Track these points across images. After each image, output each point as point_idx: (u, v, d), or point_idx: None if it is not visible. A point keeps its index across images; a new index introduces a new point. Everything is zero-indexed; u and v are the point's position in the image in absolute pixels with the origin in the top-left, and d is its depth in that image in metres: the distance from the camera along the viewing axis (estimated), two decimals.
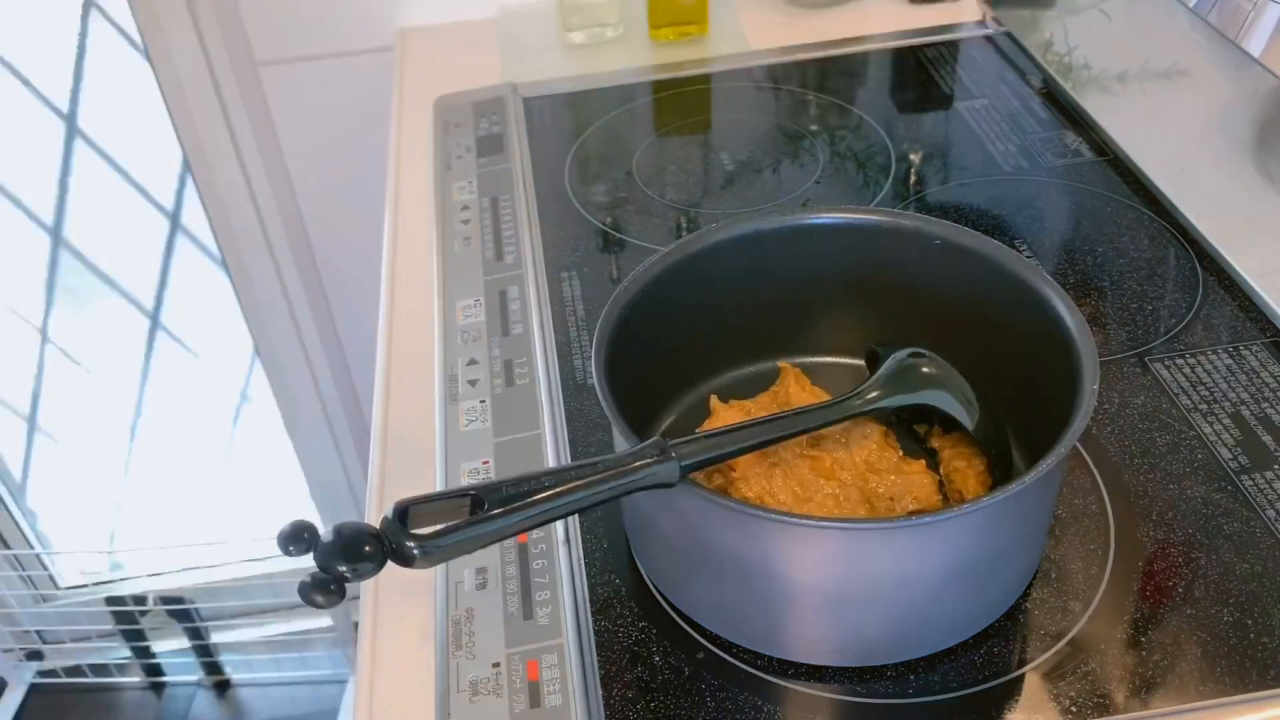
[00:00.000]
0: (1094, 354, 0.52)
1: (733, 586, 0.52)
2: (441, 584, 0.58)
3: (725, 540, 0.50)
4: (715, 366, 0.68)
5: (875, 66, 1.06)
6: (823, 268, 0.64)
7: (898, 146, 0.93)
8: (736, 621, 0.54)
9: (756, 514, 0.48)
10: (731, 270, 0.62)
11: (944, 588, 0.51)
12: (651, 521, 0.55)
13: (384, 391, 0.75)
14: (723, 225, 0.63)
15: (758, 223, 0.63)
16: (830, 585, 0.50)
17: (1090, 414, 0.49)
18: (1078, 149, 0.91)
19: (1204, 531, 0.59)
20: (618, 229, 0.86)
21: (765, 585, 0.51)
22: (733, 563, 0.51)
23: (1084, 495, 0.61)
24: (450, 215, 0.88)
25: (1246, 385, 0.67)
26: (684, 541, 0.53)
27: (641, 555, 0.59)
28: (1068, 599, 0.56)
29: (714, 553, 0.51)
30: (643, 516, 0.56)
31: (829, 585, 0.50)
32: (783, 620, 0.52)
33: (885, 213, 0.64)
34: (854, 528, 0.49)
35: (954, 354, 0.61)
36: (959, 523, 0.48)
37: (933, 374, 0.60)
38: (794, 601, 0.51)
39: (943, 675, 0.53)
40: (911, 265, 0.63)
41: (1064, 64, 0.98)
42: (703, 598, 0.55)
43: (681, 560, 0.54)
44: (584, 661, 0.54)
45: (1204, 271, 0.76)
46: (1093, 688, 0.52)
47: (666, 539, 0.55)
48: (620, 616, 0.57)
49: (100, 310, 1.47)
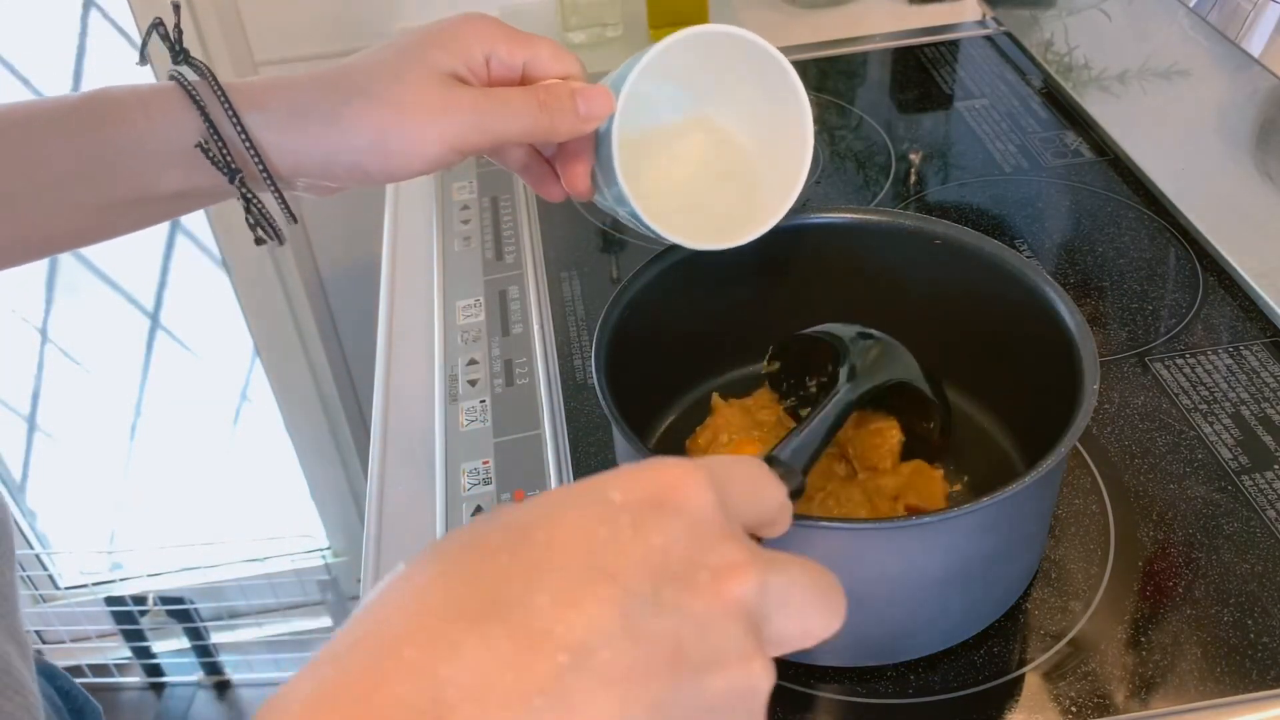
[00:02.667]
0: (1094, 353, 0.52)
1: None
2: None
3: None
4: (715, 366, 0.68)
5: (875, 66, 1.06)
6: (822, 267, 0.64)
7: (897, 146, 0.93)
8: None
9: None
10: (731, 270, 0.62)
11: (944, 587, 0.51)
12: None
13: (384, 391, 0.75)
14: None
15: None
16: None
17: (1090, 414, 0.49)
18: (1078, 149, 0.91)
19: (1204, 531, 0.59)
20: (618, 229, 0.86)
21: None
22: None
23: (1084, 495, 0.61)
24: (450, 215, 0.88)
25: (1246, 385, 0.67)
26: None
27: None
28: (1068, 599, 0.56)
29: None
30: None
31: None
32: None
33: (885, 213, 0.64)
34: (854, 528, 0.49)
35: (954, 353, 0.61)
36: (959, 522, 0.48)
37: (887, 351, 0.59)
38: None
39: (943, 675, 0.53)
40: (911, 265, 0.63)
41: (1064, 64, 0.98)
42: None
43: None
44: None
45: (1204, 271, 0.76)
46: (1093, 688, 0.52)
47: None
48: None
49: (100, 310, 1.47)
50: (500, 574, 0.26)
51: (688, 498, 0.29)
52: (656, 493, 0.29)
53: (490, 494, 0.64)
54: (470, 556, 0.27)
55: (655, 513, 0.28)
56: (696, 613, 0.27)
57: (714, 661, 0.27)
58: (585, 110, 0.51)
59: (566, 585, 0.26)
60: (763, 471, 0.34)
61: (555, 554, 0.27)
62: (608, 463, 0.66)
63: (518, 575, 0.26)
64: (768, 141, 0.57)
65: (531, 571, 0.27)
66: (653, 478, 0.29)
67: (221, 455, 1.62)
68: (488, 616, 0.25)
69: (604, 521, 0.28)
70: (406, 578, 0.27)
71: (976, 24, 1.10)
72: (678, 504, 0.29)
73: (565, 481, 0.64)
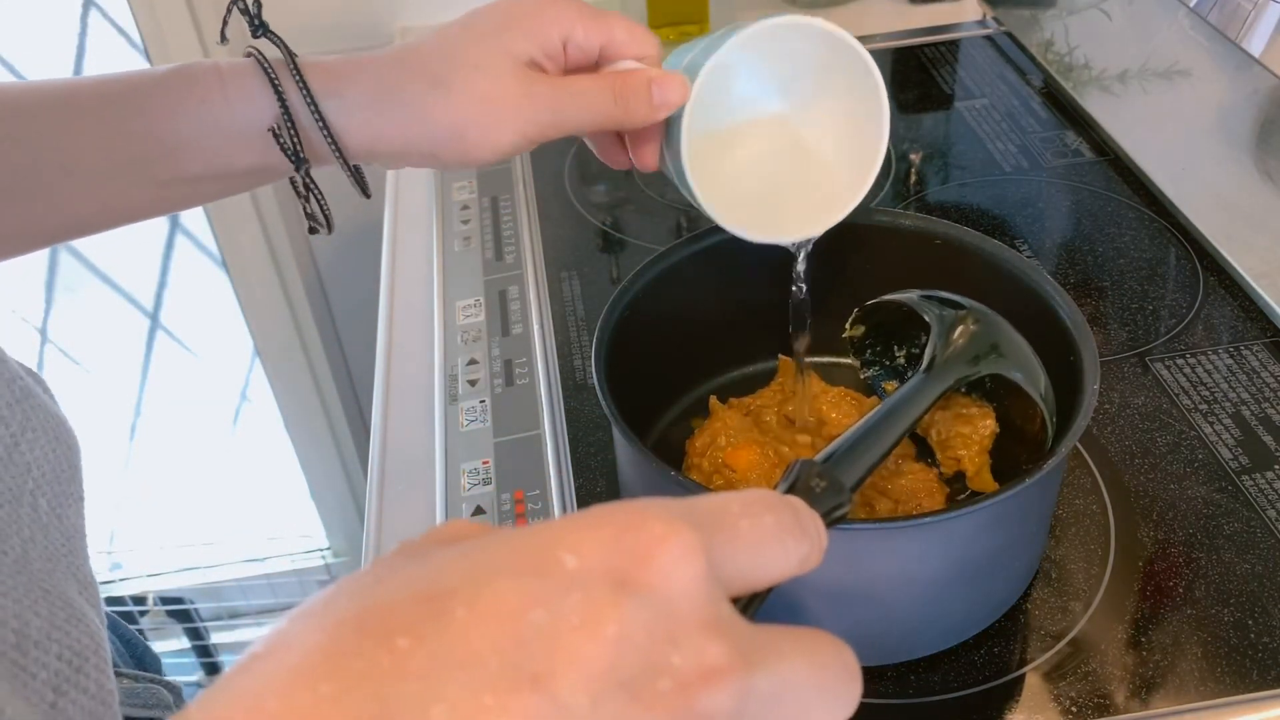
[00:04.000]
0: (1095, 353, 0.52)
1: None
2: None
3: None
4: (715, 366, 0.68)
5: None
6: (823, 267, 0.64)
7: (898, 146, 0.93)
8: None
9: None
10: (732, 270, 0.62)
11: (945, 587, 0.51)
12: None
13: (384, 391, 0.75)
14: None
15: None
16: (831, 585, 0.50)
17: (1091, 413, 0.49)
18: (1078, 149, 0.91)
19: (1204, 532, 0.58)
20: (618, 229, 0.86)
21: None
22: None
23: (1084, 495, 0.61)
24: (450, 215, 0.88)
25: (1247, 385, 0.67)
26: None
27: None
28: (1068, 599, 0.56)
29: None
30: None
31: (829, 585, 0.50)
32: (785, 621, 0.52)
33: (885, 212, 0.64)
34: (854, 528, 0.49)
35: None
36: (959, 523, 0.48)
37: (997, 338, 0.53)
38: (796, 602, 0.51)
39: (943, 675, 0.53)
40: (912, 265, 0.62)
41: (1064, 63, 0.98)
42: None
43: None
44: None
45: (1204, 271, 0.76)
46: (1093, 688, 0.52)
47: None
48: None
49: (100, 310, 1.47)
50: (395, 669, 0.21)
51: (666, 574, 0.23)
52: (625, 564, 0.22)
53: (490, 494, 0.64)
54: (365, 635, 0.21)
55: (616, 593, 0.22)
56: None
57: None
58: (660, 99, 0.50)
59: (474, 694, 0.20)
60: (782, 519, 0.26)
61: (471, 643, 0.21)
62: (608, 463, 0.65)
63: (415, 673, 0.21)
64: (839, 138, 0.56)
65: (434, 669, 0.21)
66: (624, 540, 0.23)
67: (221, 455, 1.62)
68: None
69: (544, 601, 0.22)
70: (284, 641, 0.22)
71: (977, 24, 1.10)
72: (650, 583, 0.22)
73: (565, 482, 0.64)
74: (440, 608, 0.21)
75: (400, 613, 0.21)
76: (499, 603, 0.21)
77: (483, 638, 0.21)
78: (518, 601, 0.21)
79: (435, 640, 0.21)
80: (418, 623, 0.21)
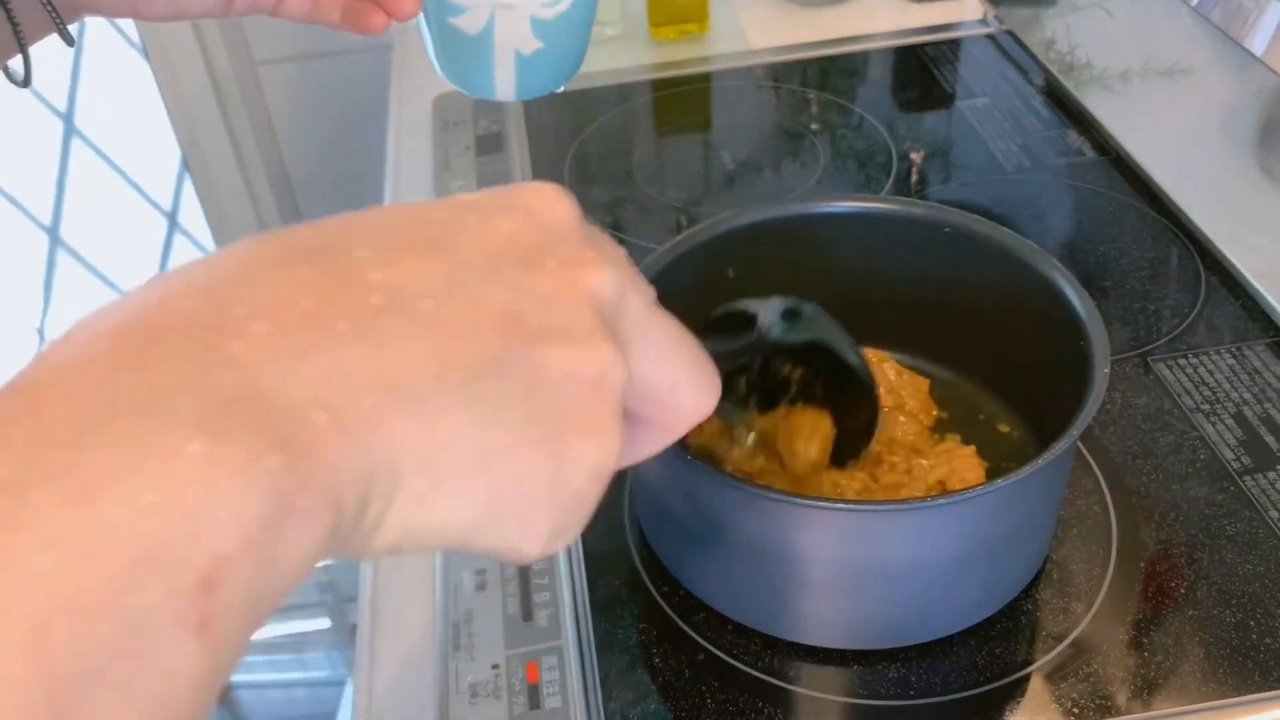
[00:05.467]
0: (1104, 336, 0.52)
1: (744, 568, 0.52)
2: (440, 585, 0.58)
3: (740, 522, 0.51)
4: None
5: (876, 65, 1.05)
6: (831, 257, 0.64)
7: (899, 145, 0.93)
8: (749, 606, 0.54)
9: (770, 496, 0.48)
10: (737, 260, 0.62)
11: (955, 570, 0.51)
12: (665, 506, 0.55)
13: None
14: (730, 215, 0.62)
15: (765, 212, 0.62)
16: (840, 566, 0.50)
17: (1103, 396, 0.49)
18: (1080, 148, 0.91)
19: (1206, 532, 0.58)
20: (618, 229, 0.86)
21: (777, 567, 0.51)
22: (747, 545, 0.51)
23: (1086, 496, 0.61)
24: None
25: (1249, 385, 0.67)
26: (696, 524, 0.53)
27: (655, 540, 0.59)
28: (1070, 600, 0.56)
29: (727, 534, 0.51)
30: (656, 501, 0.56)
31: (839, 566, 0.50)
32: (793, 601, 0.52)
33: (895, 201, 0.64)
34: (865, 509, 0.49)
35: (963, 342, 0.61)
36: (971, 505, 0.48)
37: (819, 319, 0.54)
38: (805, 582, 0.51)
39: (944, 676, 0.53)
40: (920, 253, 0.62)
41: (1066, 62, 0.97)
42: (713, 578, 0.55)
43: (695, 542, 0.54)
44: (583, 663, 0.53)
45: (1206, 271, 0.76)
46: (1095, 689, 0.51)
47: (680, 523, 0.55)
48: (620, 618, 0.56)
49: None
50: (321, 234, 0.24)
51: (548, 202, 0.26)
52: (509, 197, 0.26)
53: None
54: (295, 230, 0.24)
55: (505, 209, 0.26)
56: (539, 290, 0.24)
57: (555, 333, 0.24)
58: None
59: (392, 244, 0.24)
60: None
61: (386, 225, 0.24)
62: None
63: (338, 234, 0.24)
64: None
65: (357, 232, 0.24)
66: (511, 188, 0.27)
67: None
68: (297, 260, 0.23)
69: (444, 209, 0.25)
70: (217, 251, 0.24)
71: (978, 22, 1.10)
72: (532, 206, 0.26)
73: None
74: (358, 216, 0.25)
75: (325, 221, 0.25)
76: (404, 211, 0.25)
77: (395, 224, 0.25)
78: (420, 210, 0.25)
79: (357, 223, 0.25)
80: (340, 220, 0.25)
